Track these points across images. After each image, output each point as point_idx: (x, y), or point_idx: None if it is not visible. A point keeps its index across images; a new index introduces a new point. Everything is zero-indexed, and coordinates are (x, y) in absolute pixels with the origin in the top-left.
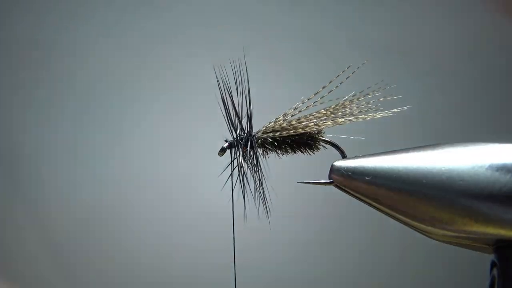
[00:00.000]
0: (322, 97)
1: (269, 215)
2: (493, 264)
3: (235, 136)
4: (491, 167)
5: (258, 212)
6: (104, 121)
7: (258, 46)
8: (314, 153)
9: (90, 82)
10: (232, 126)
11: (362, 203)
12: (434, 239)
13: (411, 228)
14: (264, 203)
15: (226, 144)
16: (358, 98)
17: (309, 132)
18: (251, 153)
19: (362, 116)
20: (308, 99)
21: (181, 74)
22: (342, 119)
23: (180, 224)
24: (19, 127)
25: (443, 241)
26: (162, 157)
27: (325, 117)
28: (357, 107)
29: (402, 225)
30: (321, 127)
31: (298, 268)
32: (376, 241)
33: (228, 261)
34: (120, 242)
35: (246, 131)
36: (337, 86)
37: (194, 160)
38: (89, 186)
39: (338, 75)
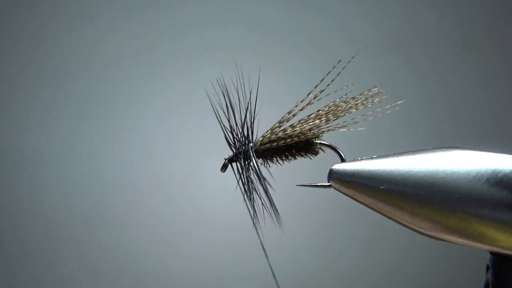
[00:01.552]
0: (316, 97)
1: (279, 222)
2: (488, 267)
3: (234, 150)
4: (487, 181)
5: (262, 219)
6: (105, 121)
7: (256, 48)
8: (315, 157)
9: (91, 82)
10: (231, 140)
11: (361, 205)
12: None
13: (409, 229)
14: (274, 211)
15: (226, 161)
16: (353, 98)
17: (307, 138)
18: (252, 165)
19: (354, 116)
20: (302, 101)
21: (181, 75)
22: (336, 123)
23: (180, 225)
24: (20, 127)
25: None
26: (162, 158)
27: (319, 122)
28: (352, 106)
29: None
30: (318, 133)
31: (298, 268)
32: (375, 242)
33: (227, 262)
34: (120, 242)
35: (244, 145)
36: (328, 85)
37: (195, 161)
38: (89, 186)
39: (329, 72)
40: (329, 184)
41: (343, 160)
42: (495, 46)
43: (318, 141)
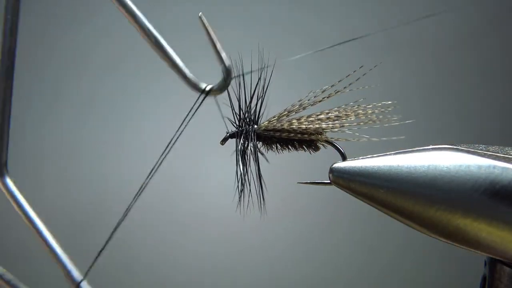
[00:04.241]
0: (329, 96)
1: (263, 209)
2: (486, 263)
3: (237, 127)
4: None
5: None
6: (105, 120)
7: (264, 43)
8: (315, 152)
9: (91, 82)
10: (237, 117)
11: (362, 202)
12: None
13: (412, 227)
14: (261, 197)
15: (227, 134)
16: (364, 107)
17: (310, 134)
18: (251, 146)
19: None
20: (315, 97)
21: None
22: (342, 128)
23: (180, 224)
24: (20, 126)
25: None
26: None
27: (325, 126)
28: (360, 115)
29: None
30: (322, 131)
31: (298, 267)
32: (376, 239)
33: (227, 262)
34: (120, 241)
35: (249, 124)
36: (345, 87)
37: (195, 160)
38: (89, 186)
39: (349, 75)
40: (330, 181)
41: (344, 158)
42: (495, 45)
43: (322, 138)
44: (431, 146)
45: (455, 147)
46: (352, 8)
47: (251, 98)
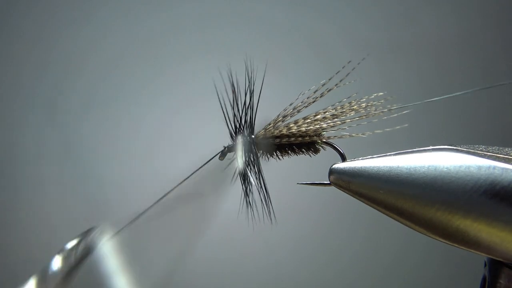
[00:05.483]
0: (322, 95)
1: (272, 218)
2: (486, 264)
3: (234, 139)
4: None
5: (264, 213)
6: (104, 120)
7: (259, 45)
8: (315, 155)
9: (90, 82)
10: (233, 129)
11: (362, 203)
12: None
13: (412, 228)
14: (268, 205)
15: (225, 149)
16: (358, 102)
17: (310, 136)
18: (251, 156)
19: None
20: (307, 97)
21: (182, 75)
22: (339, 127)
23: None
24: (19, 126)
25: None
26: (162, 157)
27: (325, 125)
28: (358, 109)
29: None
30: (321, 132)
31: (298, 268)
32: (375, 240)
33: (228, 264)
34: (121, 244)
35: (246, 136)
36: (336, 84)
37: (194, 161)
38: (89, 186)
39: (338, 71)
40: (330, 182)
41: (343, 159)
42: (496, 44)
43: (321, 140)
44: (431, 147)
45: (455, 147)
46: (352, 8)
47: (244, 106)
